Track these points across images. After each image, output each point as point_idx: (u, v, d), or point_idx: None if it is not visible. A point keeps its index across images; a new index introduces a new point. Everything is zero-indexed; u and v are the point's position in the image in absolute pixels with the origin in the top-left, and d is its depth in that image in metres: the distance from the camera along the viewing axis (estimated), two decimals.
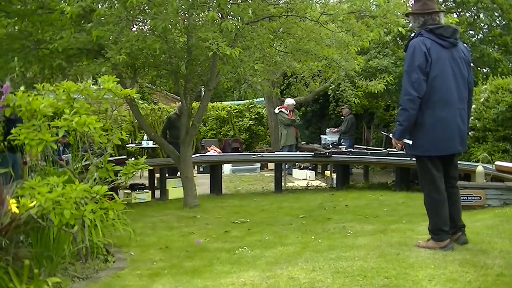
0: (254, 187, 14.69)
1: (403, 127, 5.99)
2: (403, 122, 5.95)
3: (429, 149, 6.05)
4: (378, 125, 20.72)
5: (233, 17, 9.61)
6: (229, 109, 23.42)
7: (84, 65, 10.98)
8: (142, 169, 7.18)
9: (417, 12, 6.17)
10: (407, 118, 5.93)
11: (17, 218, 5.64)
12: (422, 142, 6.02)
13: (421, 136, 6.01)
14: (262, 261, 6.25)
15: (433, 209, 6.17)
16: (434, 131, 6.01)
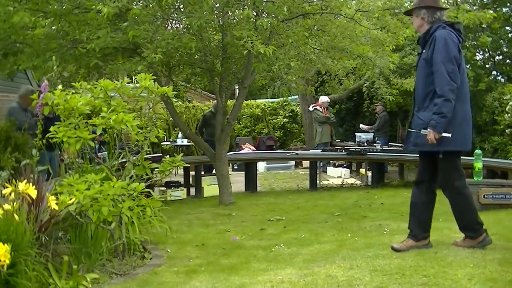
0: (288, 185, 14.68)
1: (446, 119, 5.82)
2: (448, 113, 5.80)
3: (459, 144, 6.01)
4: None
5: (268, 15, 9.60)
6: (263, 107, 23.42)
7: (120, 63, 11.06)
8: (178, 167, 7.21)
9: (434, 6, 6.14)
10: (451, 109, 5.82)
11: (56, 215, 5.71)
12: (453, 137, 5.90)
13: (453, 130, 5.90)
14: (299, 259, 6.25)
15: (468, 205, 6.14)
16: (462, 125, 6.00)
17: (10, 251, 4.56)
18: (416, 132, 6.03)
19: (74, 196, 5.71)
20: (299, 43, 10.68)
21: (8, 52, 10.38)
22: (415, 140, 6.13)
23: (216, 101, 12.65)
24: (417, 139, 6.07)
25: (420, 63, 6.13)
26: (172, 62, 10.73)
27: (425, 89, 6.02)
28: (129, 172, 6.74)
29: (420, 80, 6.12)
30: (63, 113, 6.32)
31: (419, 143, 6.08)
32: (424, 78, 6.03)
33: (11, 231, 4.89)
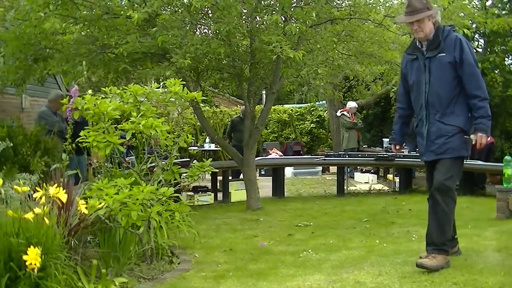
0: (316, 190, 14.65)
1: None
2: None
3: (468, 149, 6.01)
4: None
5: (297, 20, 9.59)
6: (291, 112, 23.40)
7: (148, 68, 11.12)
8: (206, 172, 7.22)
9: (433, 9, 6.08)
10: None
11: (86, 219, 5.74)
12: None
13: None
14: (328, 265, 6.23)
15: (451, 219, 5.91)
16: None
17: (41, 255, 4.59)
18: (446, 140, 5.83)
19: (103, 201, 5.74)
20: (327, 49, 10.65)
21: (38, 58, 10.47)
22: (440, 148, 5.87)
23: (244, 106, 12.66)
24: (443, 146, 5.85)
25: (442, 67, 5.86)
26: (200, 67, 10.76)
27: (450, 93, 5.87)
28: (158, 176, 6.76)
29: (444, 84, 5.88)
30: (92, 117, 6.37)
31: (447, 150, 5.85)
32: (450, 82, 5.86)
33: (41, 235, 4.93)
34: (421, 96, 6.01)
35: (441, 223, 5.76)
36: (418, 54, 6.04)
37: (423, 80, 5.96)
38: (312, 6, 9.20)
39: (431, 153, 5.98)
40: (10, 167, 8.27)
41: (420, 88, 6.01)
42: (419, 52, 6.04)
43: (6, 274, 4.67)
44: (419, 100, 6.06)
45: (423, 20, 5.86)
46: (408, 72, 6.21)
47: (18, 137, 8.84)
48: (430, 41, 5.93)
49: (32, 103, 14.51)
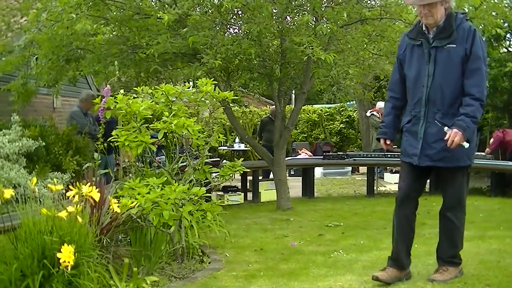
0: (345, 191, 14.62)
1: (475, 127, 5.24)
2: (478, 120, 5.21)
3: (471, 158, 5.46)
4: None
5: (327, 21, 9.57)
6: (320, 112, 23.35)
7: (179, 69, 11.15)
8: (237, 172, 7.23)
9: None
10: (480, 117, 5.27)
11: (117, 218, 5.79)
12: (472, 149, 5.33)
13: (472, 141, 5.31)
14: (359, 265, 6.21)
15: (463, 231, 5.60)
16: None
17: (74, 253, 4.63)
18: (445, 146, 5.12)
19: (135, 200, 5.78)
20: (358, 49, 10.62)
21: (70, 58, 10.56)
22: (438, 154, 5.26)
23: (273, 106, 12.65)
24: (441, 153, 5.22)
25: (451, 60, 5.20)
26: (230, 67, 10.78)
27: (455, 92, 5.22)
28: (189, 176, 6.79)
29: (451, 80, 5.21)
30: (124, 117, 6.41)
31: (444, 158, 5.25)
32: (457, 79, 5.21)
33: (74, 233, 4.97)
34: (420, 89, 5.32)
35: (453, 238, 5.53)
36: (423, 40, 5.31)
37: (425, 71, 5.27)
38: (343, 6, 9.16)
39: (425, 157, 5.32)
40: (42, 166, 8.37)
41: (420, 80, 5.32)
42: (424, 38, 5.32)
43: (40, 271, 4.72)
44: (417, 93, 5.36)
45: (435, 4, 5.15)
46: (406, 58, 5.48)
47: (50, 136, 8.95)
48: (440, 28, 5.23)
49: (64, 103, 14.65)
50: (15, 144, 8.26)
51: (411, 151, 5.42)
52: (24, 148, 8.32)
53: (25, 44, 10.17)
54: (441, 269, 5.48)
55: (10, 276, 4.70)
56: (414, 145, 5.39)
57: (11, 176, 7.71)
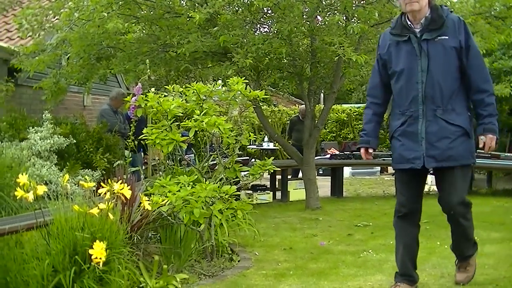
0: (374, 191, 14.55)
1: None
2: None
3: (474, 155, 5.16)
4: (501, 130, 20.00)
5: (359, 20, 9.53)
6: (349, 112, 23.27)
7: (209, 67, 11.18)
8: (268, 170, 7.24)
9: None
10: None
11: (148, 215, 5.82)
12: None
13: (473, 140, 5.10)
14: (388, 265, 6.19)
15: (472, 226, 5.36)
16: None
17: (105, 249, 4.67)
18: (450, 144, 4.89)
19: (166, 197, 5.81)
20: None
21: (101, 56, 10.63)
22: (444, 154, 4.91)
23: (302, 105, 12.63)
24: (446, 152, 4.90)
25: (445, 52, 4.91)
26: (260, 66, 10.78)
27: (452, 85, 4.94)
28: (219, 174, 6.81)
29: (447, 74, 4.91)
30: (155, 115, 6.44)
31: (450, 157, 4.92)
32: (453, 71, 4.93)
33: (105, 230, 5.01)
34: (414, 87, 4.94)
35: (469, 237, 5.32)
36: (410, 34, 4.96)
37: (418, 67, 4.92)
38: (375, 6, 9.11)
39: (430, 159, 4.94)
40: (73, 164, 8.45)
41: (413, 78, 4.95)
42: (410, 32, 4.98)
43: (72, 267, 4.76)
44: (411, 91, 4.97)
45: None
46: (391, 57, 5.09)
47: (81, 134, 9.03)
48: (428, 20, 4.92)
49: (94, 101, 14.77)
50: (46, 141, 8.35)
51: (410, 155, 5.01)
52: (55, 145, 8.41)
53: (57, 43, 10.25)
54: (462, 268, 5.38)
55: (42, 271, 4.74)
56: (413, 148, 4.99)
57: (43, 173, 7.79)
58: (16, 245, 5.13)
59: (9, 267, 4.89)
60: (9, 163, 6.96)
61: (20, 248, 5.08)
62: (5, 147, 8.15)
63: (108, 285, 4.90)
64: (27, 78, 11.10)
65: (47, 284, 4.72)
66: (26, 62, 10.00)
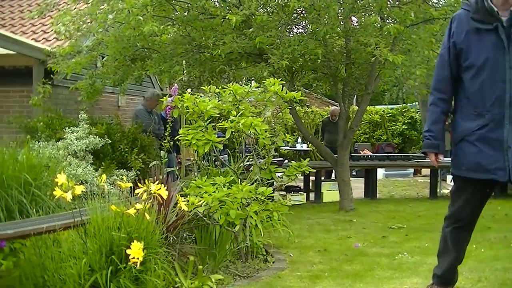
0: (408, 193, 14.46)
1: None
2: None
3: None
4: None
5: (394, 21, 9.47)
6: (382, 113, 23.16)
7: (243, 68, 11.18)
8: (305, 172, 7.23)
9: None
10: None
11: (183, 216, 5.85)
12: None
13: None
14: (424, 268, 6.14)
15: None
16: None
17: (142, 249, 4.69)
18: None
19: (201, 198, 5.83)
20: (424, 49, 10.47)
21: (136, 58, 10.69)
22: None
23: (333, 107, 12.57)
24: None
25: None
26: (294, 67, 10.76)
27: None
28: (254, 175, 6.81)
29: None
30: (191, 116, 6.47)
31: None
32: None
33: (142, 230, 5.04)
34: (499, 86, 4.34)
35: None
36: (498, 23, 4.31)
37: (506, 63, 4.30)
38: (410, 6, 9.05)
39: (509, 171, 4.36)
40: (108, 164, 8.51)
41: (498, 75, 4.34)
42: (496, 20, 4.31)
43: (108, 267, 4.79)
44: (493, 91, 4.38)
45: None
46: (470, 47, 4.44)
47: (116, 134, 9.10)
48: None
49: (128, 101, 14.85)
50: (82, 141, 8.44)
51: (492, 165, 4.42)
52: (91, 145, 8.49)
53: (93, 45, 10.35)
54: None
55: (79, 270, 4.78)
56: (495, 157, 4.41)
57: (79, 173, 7.86)
58: (54, 244, 5.18)
59: (46, 266, 4.94)
60: (46, 162, 7.01)
61: (57, 247, 5.13)
62: (42, 147, 8.24)
63: (144, 285, 4.93)
64: (63, 79, 11.23)
65: (83, 283, 4.76)
66: (63, 64, 10.10)
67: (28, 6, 13.61)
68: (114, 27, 9.96)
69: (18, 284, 5.05)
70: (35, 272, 4.96)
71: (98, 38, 10.07)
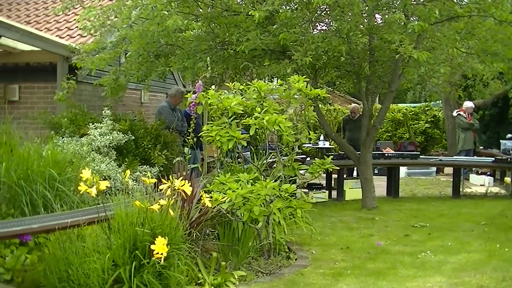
0: (430, 191, 14.37)
1: None
2: None
3: None
4: None
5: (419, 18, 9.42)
6: (405, 112, 23.04)
7: (266, 65, 11.17)
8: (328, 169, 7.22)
9: None
10: None
11: (207, 212, 5.86)
12: None
13: None
14: (447, 267, 6.12)
15: None
16: None
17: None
18: None
19: (225, 195, 5.84)
20: (448, 47, 10.41)
21: (159, 54, 10.71)
22: None
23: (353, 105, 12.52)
24: None
25: None
26: (317, 65, 10.73)
27: None
28: (278, 172, 6.81)
29: None
30: (215, 112, 6.48)
31: None
32: None
33: (165, 225, 5.07)
34: None
35: None
36: None
37: None
38: (435, 3, 8.99)
39: None
40: (131, 160, 8.55)
41: None
42: None
43: (132, 262, 4.82)
44: None
45: None
46: None
47: (139, 130, 9.13)
48: None
49: (151, 98, 14.90)
50: (106, 137, 8.49)
51: None
52: (114, 141, 8.54)
53: (117, 41, 10.39)
54: None
55: (102, 265, 4.82)
56: None
57: (102, 169, 7.91)
58: (78, 238, 5.22)
59: (70, 260, 4.98)
60: (70, 158, 7.06)
61: (81, 242, 5.17)
62: (66, 143, 8.30)
63: (167, 281, 4.96)
64: (86, 75, 11.30)
65: (107, 277, 4.80)
66: (88, 60, 10.15)
67: (53, 3, 13.69)
68: (138, 23, 9.99)
69: (43, 278, 5.10)
70: (59, 266, 5.00)
71: (122, 34, 10.11)
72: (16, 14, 13.69)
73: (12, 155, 6.36)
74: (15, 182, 6.00)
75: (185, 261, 5.19)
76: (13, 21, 10.94)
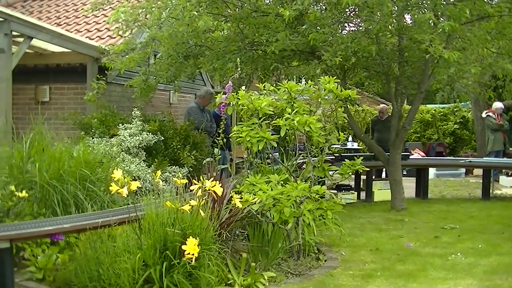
0: (459, 193, 14.26)
1: None
2: None
3: None
4: None
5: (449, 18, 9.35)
6: (434, 113, 22.90)
7: (295, 66, 11.16)
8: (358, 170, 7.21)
9: None
10: None
11: (237, 213, 5.87)
12: None
13: None
14: (479, 270, 6.07)
15: None
16: None
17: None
18: None
19: (257, 196, 5.84)
20: (478, 47, 10.33)
21: (189, 55, 10.74)
22: None
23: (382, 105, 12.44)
24: None
25: None
26: (346, 65, 10.70)
27: None
28: (308, 173, 6.80)
29: None
30: (246, 113, 6.49)
31: None
32: None
33: (196, 226, 5.09)
34: None
35: None
36: None
37: None
38: (466, 3, 8.91)
39: None
40: (161, 160, 8.58)
41: None
42: None
43: (162, 262, 4.84)
44: None
45: None
46: None
47: (168, 131, 9.17)
48: None
49: (179, 99, 14.95)
50: (135, 138, 8.53)
51: None
52: (144, 142, 8.58)
53: (146, 42, 10.44)
54: None
55: (133, 265, 4.85)
56: None
57: (132, 169, 7.95)
58: (108, 238, 5.26)
59: (101, 260, 5.02)
60: (100, 158, 7.12)
61: (112, 242, 5.21)
62: (96, 143, 8.35)
63: (197, 281, 4.97)
64: (116, 76, 11.37)
65: (137, 277, 4.83)
66: (117, 60, 10.21)
67: (83, 4, 13.79)
68: (168, 24, 10.02)
69: (74, 277, 5.14)
70: (90, 265, 5.05)
71: (152, 34, 10.15)
72: (46, 16, 13.81)
73: (44, 155, 6.42)
74: (47, 181, 6.07)
75: (215, 261, 5.21)
76: (44, 23, 11.02)
